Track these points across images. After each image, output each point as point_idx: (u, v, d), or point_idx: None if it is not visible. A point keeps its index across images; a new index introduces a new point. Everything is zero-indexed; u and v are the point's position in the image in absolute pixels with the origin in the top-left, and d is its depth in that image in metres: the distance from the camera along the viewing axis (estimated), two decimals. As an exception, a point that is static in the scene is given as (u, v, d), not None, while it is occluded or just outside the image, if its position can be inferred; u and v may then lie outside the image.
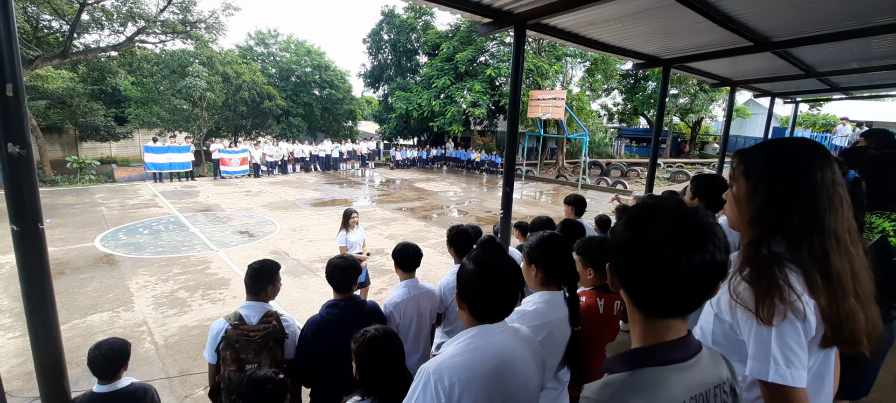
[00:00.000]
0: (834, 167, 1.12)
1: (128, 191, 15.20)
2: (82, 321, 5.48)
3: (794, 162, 1.12)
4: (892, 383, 2.93)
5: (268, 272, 2.49)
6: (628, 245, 0.85)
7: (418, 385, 1.27)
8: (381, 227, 10.95)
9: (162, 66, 19.50)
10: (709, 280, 0.82)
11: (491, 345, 1.32)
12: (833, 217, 1.08)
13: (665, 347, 0.86)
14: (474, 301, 1.36)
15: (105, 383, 2.25)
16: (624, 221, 0.88)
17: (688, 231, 0.80)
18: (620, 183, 19.62)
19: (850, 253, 1.08)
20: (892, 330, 2.16)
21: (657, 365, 0.85)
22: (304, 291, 6.71)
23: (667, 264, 0.80)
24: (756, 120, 30.37)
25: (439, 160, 28.63)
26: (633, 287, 0.88)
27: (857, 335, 1.06)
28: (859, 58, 6.46)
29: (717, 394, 0.90)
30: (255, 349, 2.30)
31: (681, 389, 0.84)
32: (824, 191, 1.08)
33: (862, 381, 2.25)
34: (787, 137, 1.27)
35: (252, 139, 24.02)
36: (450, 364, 1.26)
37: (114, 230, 9.89)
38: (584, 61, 26.54)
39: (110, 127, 20.70)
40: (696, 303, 0.86)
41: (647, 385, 0.83)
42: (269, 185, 17.38)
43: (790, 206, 1.09)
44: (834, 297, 1.04)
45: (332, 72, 28.37)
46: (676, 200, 0.87)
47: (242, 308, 2.41)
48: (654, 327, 0.88)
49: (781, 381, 1.02)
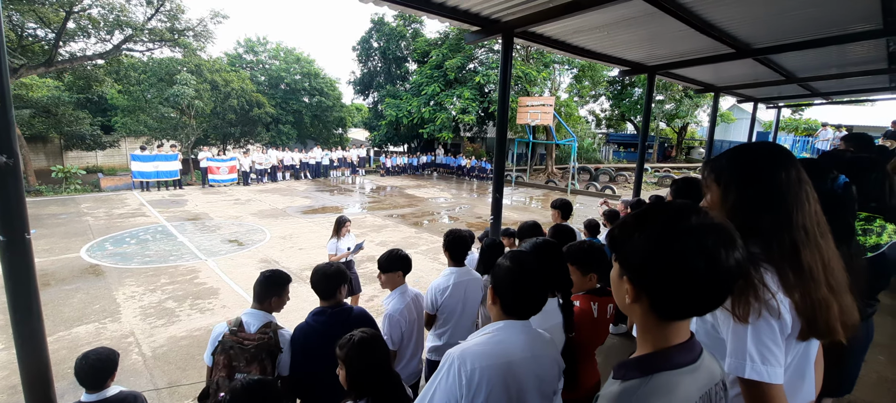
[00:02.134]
0: (798, 166, 1.18)
1: (114, 200, 14.99)
2: (68, 333, 5.39)
3: (760, 165, 1.18)
4: (876, 380, 3.00)
5: (277, 282, 2.45)
6: (664, 252, 0.83)
7: (443, 366, 1.35)
8: (373, 234, 10.93)
9: (149, 74, 19.36)
10: (737, 278, 0.84)
11: (515, 340, 1.39)
12: (800, 213, 1.13)
13: (675, 351, 0.89)
14: (507, 296, 1.43)
15: (93, 392, 2.23)
16: (652, 231, 0.86)
17: (724, 231, 0.82)
18: (609, 187, 19.81)
19: (819, 245, 1.13)
20: (870, 326, 2.22)
21: (670, 370, 0.87)
22: (294, 300, 6.61)
23: (708, 266, 0.80)
24: (740, 124, 30.90)
25: (429, 166, 28.68)
26: (659, 291, 0.86)
27: (831, 324, 1.10)
28: (837, 64, 6.65)
29: (716, 391, 0.94)
30: (246, 358, 2.27)
31: (692, 390, 0.87)
32: (790, 189, 1.14)
33: (845, 378, 2.30)
34: (752, 142, 1.33)
35: (241, 147, 23.89)
36: (474, 351, 1.34)
37: (100, 240, 9.74)
38: (572, 68, 26.83)
39: (96, 135, 20.40)
40: (719, 303, 0.87)
41: (664, 390, 0.85)
42: (258, 193, 17.25)
43: (758, 207, 1.15)
44: (806, 289, 1.08)
45: (321, 79, 28.38)
46: (695, 206, 0.88)
47: (245, 314, 2.40)
48: (666, 331, 0.90)
49: (757, 378, 1.06)
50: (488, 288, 1.48)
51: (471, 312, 2.98)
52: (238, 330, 2.31)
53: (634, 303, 0.91)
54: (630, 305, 0.92)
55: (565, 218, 4.29)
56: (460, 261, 3.03)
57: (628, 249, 0.89)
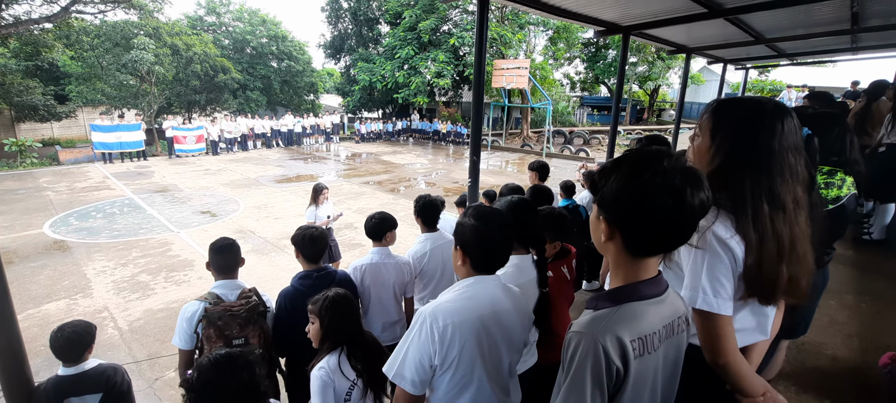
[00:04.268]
0: (795, 133, 1.18)
1: (76, 173, 14.33)
2: (37, 310, 5.24)
3: (757, 127, 1.17)
4: (827, 323, 3.22)
5: (233, 247, 2.39)
6: (635, 189, 0.90)
7: (416, 324, 1.37)
8: (350, 201, 10.86)
9: (103, 38, 18.12)
10: (701, 217, 0.92)
11: (484, 294, 1.41)
12: (782, 186, 1.16)
13: (643, 285, 0.98)
14: (476, 253, 1.44)
15: (70, 365, 2.19)
16: (625, 171, 0.93)
17: (692, 173, 0.89)
18: (583, 150, 20.09)
19: (791, 222, 1.17)
20: (826, 273, 2.37)
21: (638, 301, 0.97)
22: (272, 268, 6.62)
23: (675, 203, 0.87)
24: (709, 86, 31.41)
25: (405, 132, 28.34)
26: (630, 227, 0.95)
27: (776, 295, 1.19)
28: (804, 24, 6.79)
29: (679, 323, 1.05)
30: (240, 324, 2.23)
31: (656, 320, 0.98)
32: (778, 160, 1.15)
33: (800, 322, 2.47)
34: (757, 97, 1.29)
35: (207, 115, 22.90)
36: (445, 307, 1.36)
37: (64, 215, 9.36)
38: (547, 30, 26.57)
39: (50, 105, 19.10)
40: (684, 239, 0.95)
41: (630, 317, 0.95)
42: (228, 163, 16.78)
43: (743, 174, 1.17)
44: (762, 257, 1.14)
45: (289, 42, 27.19)
46: (669, 151, 0.95)
47: (216, 287, 2.32)
48: (636, 267, 0.99)
49: (707, 308, 1.15)
50: (456, 248, 1.47)
51: (450, 274, 3.03)
52: (218, 301, 2.25)
53: (609, 242, 1.00)
54: (605, 243, 1.01)
55: (543, 179, 4.35)
56: (433, 226, 3.06)
57: (605, 190, 0.96)
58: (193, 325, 2.19)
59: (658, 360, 0.99)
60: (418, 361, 1.35)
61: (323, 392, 1.79)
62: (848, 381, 2.62)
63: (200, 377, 1.45)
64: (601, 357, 0.89)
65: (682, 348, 1.08)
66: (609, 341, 0.90)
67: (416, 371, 1.35)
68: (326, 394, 1.79)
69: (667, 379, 1.04)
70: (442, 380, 1.40)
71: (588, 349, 0.90)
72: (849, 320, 3.30)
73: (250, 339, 2.26)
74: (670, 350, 1.03)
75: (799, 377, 2.63)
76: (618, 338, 0.90)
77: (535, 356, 2.08)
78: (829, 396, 2.46)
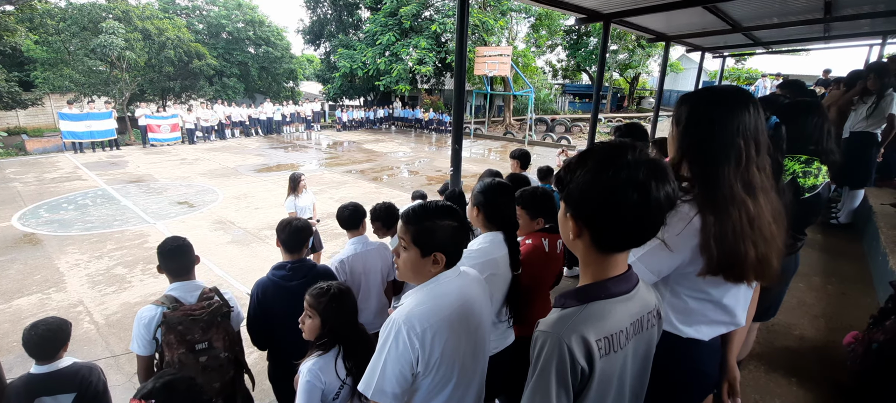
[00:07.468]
0: (759, 119, 1.21)
1: (44, 163, 13.81)
2: (8, 306, 5.07)
3: (718, 116, 1.20)
4: (796, 305, 3.35)
5: (184, 248, 2.27)
6: (601, 185, 0.89)
7: (390, 335, 1.30)
8: (332, 191, 10.75)
9: (69, 22, 17.38)
10: (667, 210, 0.92)
11: (451, 290, 1.40)
12: (737, 168, 1.18)
13: (611, 282, 0.98)
14: (455, 252, 1.42)
15: (44, 363, 2.13)
16: (592, 166, 0.91)
17: (656, 166, 0.89)
18: (565, 138, 20.23)
19: (748, 204, 1.18)
20: (797, 258, 2.45)
21: (605, 298, 0.97)
22: (253, 259, 6.54)
23: (640, 198, 0.87)
24: (688, 74, 31.92)
25: (387, 120, 28.08)
26: (597, 223, 0.94)
27: (745, 274, 1.21)
28: (779, 13, 6.93)
29: (649, 318, 1.05)
30: (202, 327, 2.14)
31: (624, 317, 0.98)
32: (736, 146, 1.18)
33: (771, 305, 2.55)
34: (719, 86, 1.34)
35: (182, 103, 22.26)
36: (418, 312, 1.32)
37: (33, 207, 9.04)
38: (529, 17, 26.51)
39: (14, 93, 18.26)
40: (652, 234, 0.96)
41: (597, 316, 0.94)
42: (206, 152, 16.39)
43: (705, 160, 1.20)
44: (723, 238, 1.16)
45: (267, 27, 26.49)
46: (633, 144, 0.94)
47: (173, 290, 2.21)
48: (605, 264, 0.98)
49: None
50: (432, 254, 1.38)
51: None
52: (177, 305, 2.14)
53: (577, 240, 0.98)
54: (573, 241, 1.00)
55: (524, 168, 4.38)
56: None
57: (571, 186, 0.95)
58: (151, 331, 2.09)
59: (626, 357, 0.99)
60: (399, 372, 1.29)
61: (309, 394, 1.73)
62: (814, 360, 2.73)
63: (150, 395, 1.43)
64: (566, 357, 0.89)
65: (652, 342, 1.09)
66: (574, 341, 0.90)
67: (397, 382, 1.29)
68: (313, 397, 1.73)
69: (636, 374, 1.05)
70: (423, 383, 1.37)
71: (553, 349, 0.90)
72: (816, 301, 3.43)
73: (214, 343, 2.18)
74: (640, 345, 1.04)
75: (768, 356, 2.73)
76: (583, 338, 0.90)
77: (512, 336, 2.12)
78: (796, 375, 2.56)
